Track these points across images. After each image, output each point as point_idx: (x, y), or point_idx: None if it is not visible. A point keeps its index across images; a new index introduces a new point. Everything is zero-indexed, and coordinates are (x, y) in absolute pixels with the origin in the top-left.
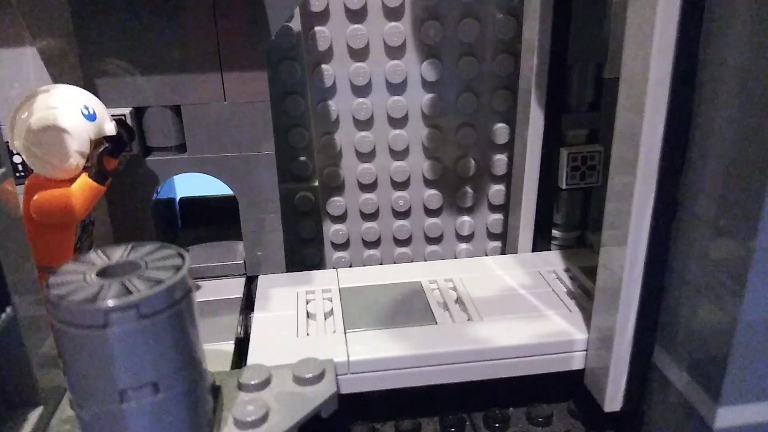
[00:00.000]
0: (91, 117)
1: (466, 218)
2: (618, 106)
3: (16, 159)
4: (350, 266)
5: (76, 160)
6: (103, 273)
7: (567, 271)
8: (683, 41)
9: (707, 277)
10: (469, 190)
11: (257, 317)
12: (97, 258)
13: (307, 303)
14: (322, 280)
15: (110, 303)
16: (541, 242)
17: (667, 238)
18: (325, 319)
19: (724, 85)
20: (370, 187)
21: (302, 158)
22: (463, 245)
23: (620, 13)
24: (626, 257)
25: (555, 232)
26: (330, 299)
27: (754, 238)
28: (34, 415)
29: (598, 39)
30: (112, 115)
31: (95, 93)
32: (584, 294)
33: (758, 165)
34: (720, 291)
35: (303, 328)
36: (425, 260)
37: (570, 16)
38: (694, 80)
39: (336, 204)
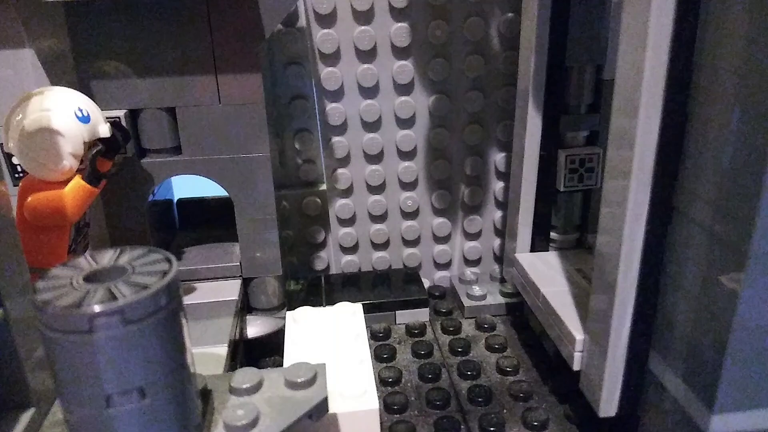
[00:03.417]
0: (85, 119)
1: (473, 216)
2: (612, 109)
3: (16, 160)
4: (359, 269)
5: (70, 162)
6: (90, 278)
7: (565, 271)
8: (678, 43)
9: (702, 282)
10: (475, 188)
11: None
12: (85, 262)
13: None
14: None
15: (95, 308)
16: (539, 244)
17: (662, 243)
18: None
19: (720, 88)
20: (378, 188)
21: (309, 162)
22: (471, 243)
23: (619, 13)
24: (621, 262)
25: (553, 234)
26: None
27: (749, 243)
28: (25, 418)
29: (597, 39)
30: (107, 117)
31: (90, 95)
32: (581, 296)
33: (753, 169)
34: (715, 297)
35: None
36: (434, 260)
37: (568, 15)
38: (689, 83)
39: (344, 207)
